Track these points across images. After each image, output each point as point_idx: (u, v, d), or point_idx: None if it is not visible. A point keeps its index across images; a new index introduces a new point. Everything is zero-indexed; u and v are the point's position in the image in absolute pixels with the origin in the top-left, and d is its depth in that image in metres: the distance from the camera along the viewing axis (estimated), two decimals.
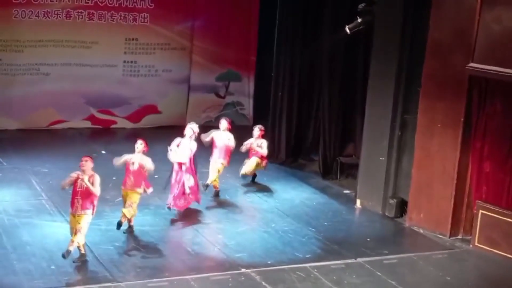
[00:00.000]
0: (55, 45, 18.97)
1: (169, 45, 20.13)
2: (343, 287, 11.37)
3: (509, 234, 12.81)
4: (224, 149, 15.08)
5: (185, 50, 20.34)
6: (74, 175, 11.60)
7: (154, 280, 11.17)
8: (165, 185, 13.89)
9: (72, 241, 11.39)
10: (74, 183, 11.54)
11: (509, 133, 12.97)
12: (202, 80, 20.77)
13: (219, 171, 15.06)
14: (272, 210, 14.55)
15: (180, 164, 13.84)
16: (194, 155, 13.96)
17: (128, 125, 20.01)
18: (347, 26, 14.94)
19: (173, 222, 13.72)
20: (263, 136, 16.12)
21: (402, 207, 14.51)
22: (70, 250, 11.31)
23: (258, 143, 15.94)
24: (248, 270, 11.72)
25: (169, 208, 13.78)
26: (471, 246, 13.31)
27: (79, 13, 18.92)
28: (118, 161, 13.02)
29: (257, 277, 11.53)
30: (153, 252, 12.34)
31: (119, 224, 12.67)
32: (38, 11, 18.53)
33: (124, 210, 12.74)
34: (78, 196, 11.45)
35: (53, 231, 12.73)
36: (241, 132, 20.52)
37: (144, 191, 12.87)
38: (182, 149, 13.83)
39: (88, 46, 19.24)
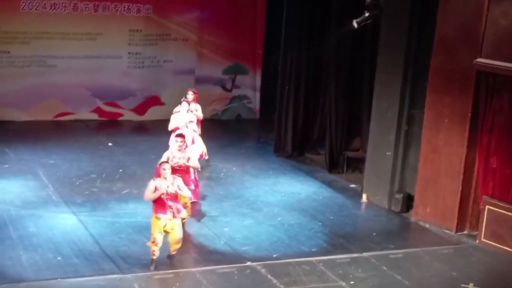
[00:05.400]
0: (62, 37, 19.01)
1: (173, 36, 20.12)
2: (349, 281, 11.36)
3: None
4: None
5: (191, 42, 20.33)
6: (156, 188, 11.01)
7: (160, 272, 11.18)
8: None
9: (174, 250, 11.43)
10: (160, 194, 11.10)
11: None
12: (208, 73, 20.78)
13: None
14: (278, 204, 14.55)
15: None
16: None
17: (135, 117, 20.02)
18: (354, 20, 14.89)
19: None
20: (196, 100, 15.94)
21: (408, 202, 14.50)
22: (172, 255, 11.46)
23: (192, 108, 15.65)
24: (254, 263, 11.73)
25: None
26: (477, 241, 13.29)
27: (86, 5, 18.95)
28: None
29: (263, 270, 11.53)
30: None
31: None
32: (45, 3, 18.55)
33: (183, 214, 11.77)
34: (170, 203, 11.09)
35: (59, 223, 12.76)
36: (248, 126, 20.65)
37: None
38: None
39: (93, 37, 19.26)
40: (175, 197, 11.18)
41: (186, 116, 14.92)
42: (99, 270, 11.13)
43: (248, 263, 11.74)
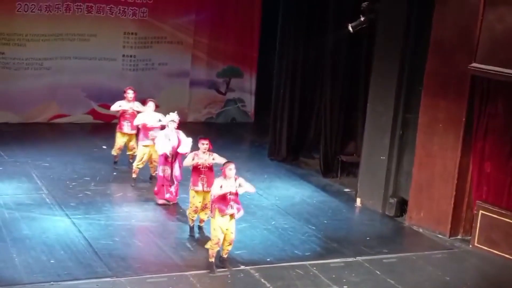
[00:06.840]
0: (56, 38, 18.99)
1: (168, 39, 20.10)
2: (342, 286, 11.36)
3: (509, 235, 12.81)
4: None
5: (185, 45, 20.31)
6: (221, 187, 11.33)
7: (154, 275, 11.17)
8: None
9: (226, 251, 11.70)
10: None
11: (510, 134, 12.95)
12: (203, 76, 20.76)
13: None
14: (272, 208, 14.54)
15: (165, 156, 13.80)
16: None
17: None
18: (350, 25, 14.92)
19: (173, 218, 13.72)
20: (135, 98, 15.86)
21: (402, 206, 14.51)
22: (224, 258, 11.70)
23: (134, 106, 15.63)
24: (248, 267, 11.72)
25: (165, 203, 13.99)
26: (470, 246, 13.31)
27: (78, 7, 18.91)
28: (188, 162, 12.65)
29: (256, 274, 11.53)
30: (152, 247, 12.34)
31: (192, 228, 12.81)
32: (40, 5, 18.53)
33: (201, 214, 12.80)
34: (232, 202, 11.42)
35: (53, 225, 12.73)
36: (242, 129, 20.63)
37: None
38: (172, 140, 13.79)
39: (86, 39, 19.23)
40: (237, 195, 11.48)
41: (154, 115, 14.92)
42: (92, 273, 11.11)
43: (242, 267, 11.73)
